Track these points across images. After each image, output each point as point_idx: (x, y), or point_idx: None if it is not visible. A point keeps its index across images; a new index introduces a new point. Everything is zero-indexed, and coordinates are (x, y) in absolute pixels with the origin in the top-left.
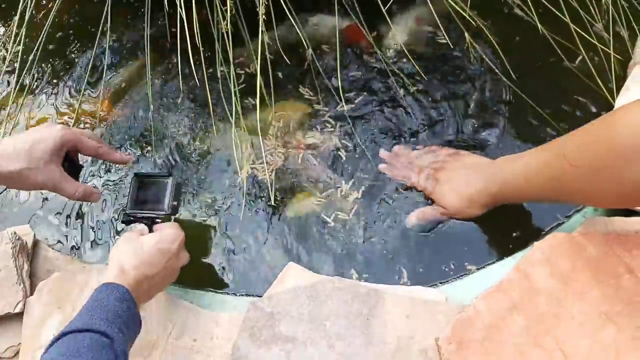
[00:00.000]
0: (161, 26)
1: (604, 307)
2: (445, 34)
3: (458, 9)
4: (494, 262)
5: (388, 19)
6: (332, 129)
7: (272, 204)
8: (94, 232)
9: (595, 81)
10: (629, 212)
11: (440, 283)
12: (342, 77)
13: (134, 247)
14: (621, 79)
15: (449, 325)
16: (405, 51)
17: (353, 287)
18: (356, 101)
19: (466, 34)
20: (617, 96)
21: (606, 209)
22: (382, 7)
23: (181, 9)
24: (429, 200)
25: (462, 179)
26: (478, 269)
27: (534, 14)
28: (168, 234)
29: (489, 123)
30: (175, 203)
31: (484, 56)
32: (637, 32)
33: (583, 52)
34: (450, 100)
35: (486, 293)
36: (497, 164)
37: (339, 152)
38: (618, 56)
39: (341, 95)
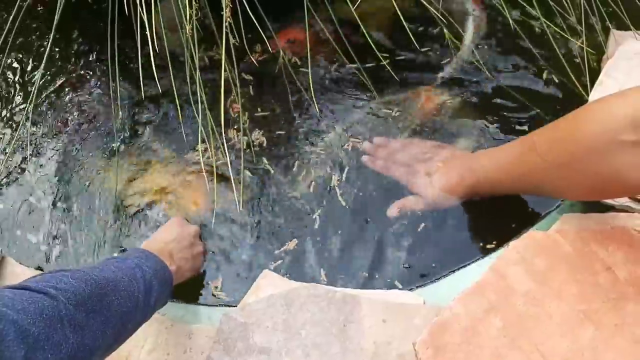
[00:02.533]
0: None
1: (582, 305)
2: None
3: (430, 7)
4: (470, 264)
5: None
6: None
7: (241, 208)
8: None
9: (568, 76)
10: (604, 208)
11: (417, 286)
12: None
13: None
14: (596, 73)
15: (426, 329)
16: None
17: (329, 294)
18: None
19: (445, 30)
20: (590, 90)
21: (582, 206)
22: None
23: (141, 8)
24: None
25: (440, 172)
26: (455, 271)
27: (506, 10)
28: None
29: (465, 119)
30: None
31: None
32: (610, 25)
33: (556, 46)
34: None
35: (462, 295)
36: (474, 157)
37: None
38: (591, 50)
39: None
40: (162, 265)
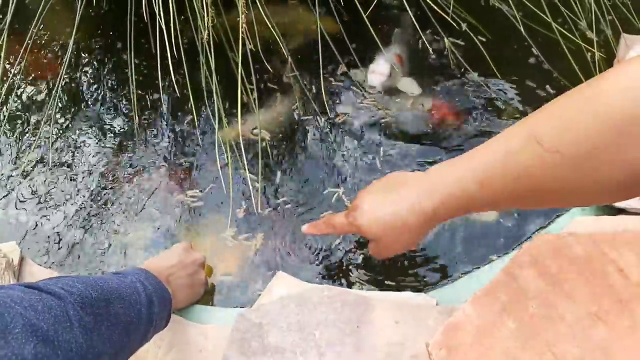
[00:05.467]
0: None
1: (593, 306)
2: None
3: (439, 11)
4: (482, 266)
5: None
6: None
7: (259, 211)
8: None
9: (578, 79)
10: (615, 211)
11: (430, 288)
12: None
13: None
14: None
15: (439, 330)
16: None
17: (342, 295)
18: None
19: (446, 40)
20: None
21: (593, 209)
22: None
23: (160, 20)
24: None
25: (385, 197)
26: (467, 273)
27: (516, 13)
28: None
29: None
30: None
31: (462, 60)
32: (620, 29)
33: (566, 50)
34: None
35: (475, 297)
36: (434, 171)
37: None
38: (602, 54)
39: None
40: (161, 286)
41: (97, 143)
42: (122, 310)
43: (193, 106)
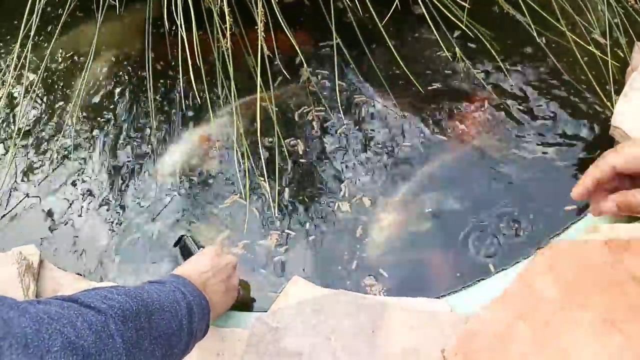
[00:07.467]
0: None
1: (608, 314)
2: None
3: (455, 20)
4: (498, 272)
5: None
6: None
7: (277, 215)
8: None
9: (593, 87)
10: (631, 219)
11: (445, 294)
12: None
13: None
14: (620, 85)
15: (455, 336)
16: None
17: (357, 300)
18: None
19: (458, 51)
20: (615, 103)
21: (609, 216)
22: None
23: (181, 28)
24: None
25: None
26: (483, 279)
27: (530, 21)
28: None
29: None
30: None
31: (473, 69)
32: (634, 37)
33: (580, 58)
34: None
35: (491, 303)
36: None
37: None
38: (616, 63)
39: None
40: (199, 293)
41: (110, 149)
42: (164, 323)
43: (211, 113)
